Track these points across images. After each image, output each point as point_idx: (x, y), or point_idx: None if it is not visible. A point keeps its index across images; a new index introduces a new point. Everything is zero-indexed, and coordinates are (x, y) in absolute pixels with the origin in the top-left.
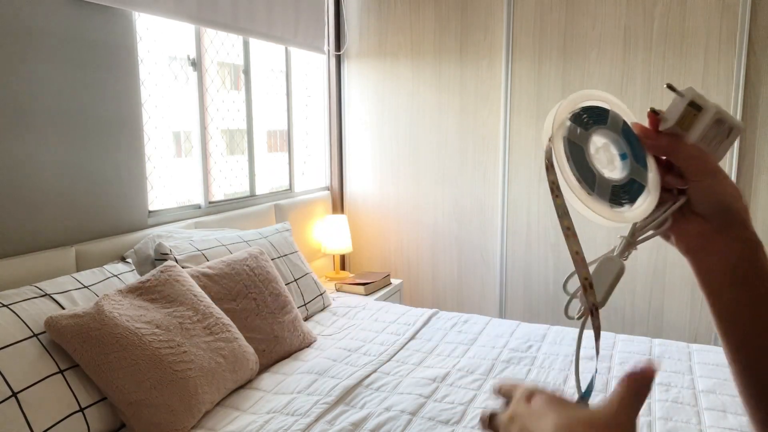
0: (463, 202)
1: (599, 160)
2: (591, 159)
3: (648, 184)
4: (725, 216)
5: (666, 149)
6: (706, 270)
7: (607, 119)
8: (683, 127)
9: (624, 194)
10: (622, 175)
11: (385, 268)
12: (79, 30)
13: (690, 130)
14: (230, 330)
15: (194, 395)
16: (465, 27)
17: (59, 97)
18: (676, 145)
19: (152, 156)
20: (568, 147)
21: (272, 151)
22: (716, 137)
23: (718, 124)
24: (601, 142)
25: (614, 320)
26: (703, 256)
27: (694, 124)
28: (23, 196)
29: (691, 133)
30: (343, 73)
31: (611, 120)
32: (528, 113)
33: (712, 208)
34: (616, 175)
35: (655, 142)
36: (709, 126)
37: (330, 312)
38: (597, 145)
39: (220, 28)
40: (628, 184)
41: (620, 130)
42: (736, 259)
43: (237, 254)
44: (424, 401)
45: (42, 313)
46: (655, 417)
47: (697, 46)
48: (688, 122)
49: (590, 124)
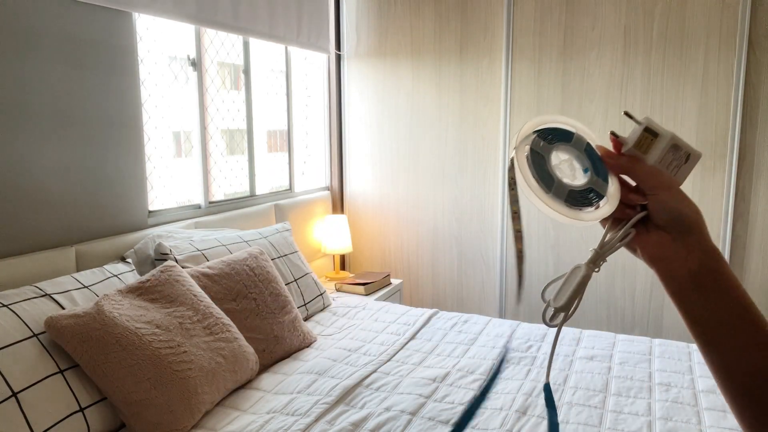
0: (463, 202)
1: (561, 170)
2: (551, 167)
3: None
4: (681, 225)
5: (625, 168)
6: (670, 277)
7: (572, 139)
8: (642, 150)
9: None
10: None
11: (385, 268)
12: (79, 30)
13: (648, 153)
14: (230, 330)
15: (194, 395)
16: (465, 27)
17: (59, 97)
18: (634, 164)
19: (152, 156)
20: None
21: (272, 151)
22: (674, 162)
23: (674, 150)
24: (564, 156)
25: (614, 320)
26: (666, 264)
27: (652, 149)
28: (23, 196)
29: (649, 156)
30: (343, 73)
31: (575, 140)
32: (528, 113)
33: (669, 218)
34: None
35: (616, 161)
36: (665, 150)
37: (330, 312)
38: (560, 158)
39: (221, 29)
40: (586, 191)
41: (584, 149)
42: (696, 265)
43: (237, 254)
44: (424, 401)
45: (42, 313)
46: (655, 417)
47: (697, 46)
48: (646, 146)
49: (554, 140)
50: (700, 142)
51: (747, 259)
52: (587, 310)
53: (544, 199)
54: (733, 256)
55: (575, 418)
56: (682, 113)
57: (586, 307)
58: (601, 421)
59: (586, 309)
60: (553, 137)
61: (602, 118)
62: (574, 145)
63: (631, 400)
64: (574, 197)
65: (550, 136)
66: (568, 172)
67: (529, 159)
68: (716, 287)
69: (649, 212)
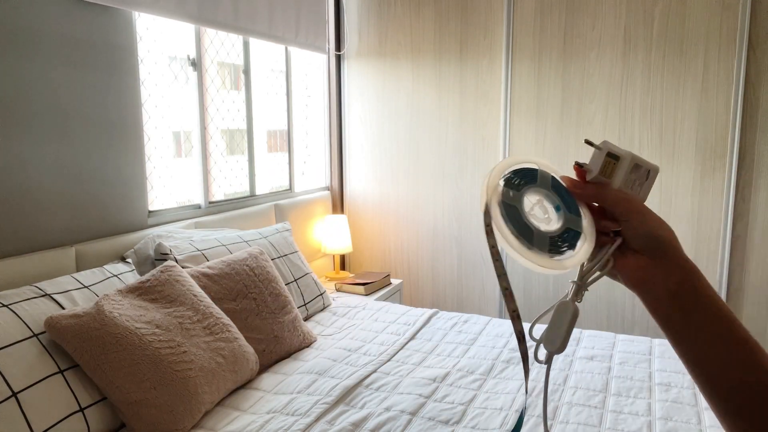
0: (463, 202)
1: (535, 216)
2: (527, 216)
3: (583, 230)
4: (657, 247)
5: (594, 196)
6: (651, 298)
7: (537, 178)
8: (606, 175)
9: (562, 243)
10: (558, 225)
11: (385, 268)
12: (79, 30)
13: (612, 177)
14: (230, 330)
15: (194, 395)
16: (465, 27)
17: (59, 97)
18: (602, 192)
19: (152, 156)
20: (504, 210)
21: (272, 151)
22: (637, 180)
23: (636, 169)
24: (535, 199)
25: (614, 320)
26: (647, 287)
27: (615, 172)
28: (23, 196)
29: (614, 180)
30: (343, 73)
31: (540, 178)
32: (528, 113)
33: (645, 242)
34: (552, 226)
35: (584, 191)
36: (628, 171)
37: (330, 312)
38: (531, 201)
39: (221, 28)
40: (564, 233)
41: (550, 185)
42: (675, 285)
43: (237, 254)
44: (424, 401)
45: (42, 313)
46: (655, 417)
47: (697, 46)
48: (609, 170)
49: (522, 185)
50: (700, 142)
51: (747, 259)
52: (587, 310)
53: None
54: (733, 256)
55: (575, 418)
56: (682, 113)
57: (586, 307)
58: (601, 421)
59: (586, 309)
60: (520, 181)
61: (602, 118)
62: (540, 184)
63: (631, 400)
64: (554, 243)
65: (516, 181)
66: (541, 215)
67: (504, 215)
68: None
69: (623, 238)
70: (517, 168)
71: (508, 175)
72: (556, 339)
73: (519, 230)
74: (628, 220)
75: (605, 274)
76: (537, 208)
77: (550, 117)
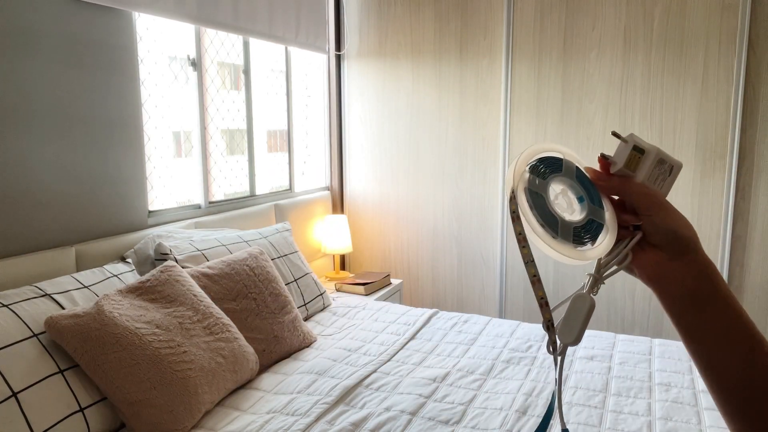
0: (463, 202)
1: (560, 205)
2: (552, 205)
3: (606, 222)
4: (677, 244)
5: (617, 189)
6: (667, 295)
7: (562, 167)
8: (631, 168)
9: (585, 234)
10: (581, 216)
11: (385, 268)
12: (79, 30)
13: (637, 170)
14: (230, 330)
15: (194, 395)
16: (465, 27)
17: (59, 97)
18: (626, 185)
19: (152, 156)
20: (530, 197)
21: (272, 151)
22: (660, 175)
23: (660, 164)
24: (559, 188)
25: (614, 320)
26: (663, 283)
27: (640, 166)
28: (23, 196)
29: (638, 174)
30: (343, 73)
31: (565, 167)
32: (528, 113)
33: (665, 238)
34: (576, 217)
35: (608, 183)
36: (652, 166)
37: (330, 312)
38: (556, 191)
39: (221, 28)
40: (588, 224)
41: (574, 176)
42: (692, 283)
43: (237, 254)
44: (424, 401)
45: (42, 313)
46: (655, 417)
47: (697, 46)
48: (634, 164)
49: (547, 173)
50: (700, 142)
51: (747, 259)
52: None
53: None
54: (733, 256)
55: (575, 418)
56: (682, 113)
57: None
58: (601, 421)
59: None
60: (545, 169)
61: (602, 118)
62: (565, 173)
63: (631, 400)
64: (578, 234)
65: (542, 169)
66: (565, 205)
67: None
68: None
69: (644, 232)
70: (543, 156)
71: (533, 162)
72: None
73: (544, 219)
74: (650, 215)
75: (623, 268)
76: (561, 197)
77: (550, 117)
